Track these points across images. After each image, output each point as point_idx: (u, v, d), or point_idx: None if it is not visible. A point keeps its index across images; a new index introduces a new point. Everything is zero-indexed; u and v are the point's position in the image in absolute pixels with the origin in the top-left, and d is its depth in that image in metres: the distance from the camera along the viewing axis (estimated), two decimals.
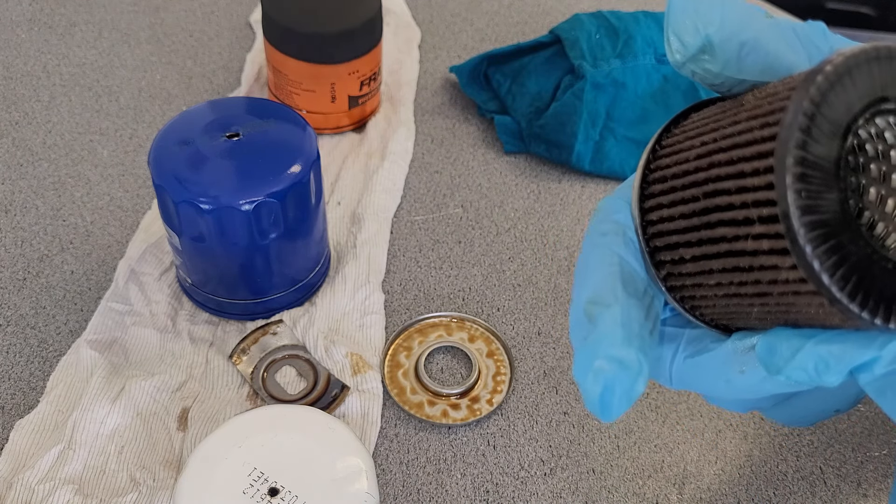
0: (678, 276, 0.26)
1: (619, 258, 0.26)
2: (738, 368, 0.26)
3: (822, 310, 0.21)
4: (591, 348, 0.23)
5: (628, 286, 0.25)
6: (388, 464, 0.40)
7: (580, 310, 0.25)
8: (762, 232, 0.22)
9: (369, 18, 0.51)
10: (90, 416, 0.38)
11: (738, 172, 0.22)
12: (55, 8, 0.64)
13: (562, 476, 0.40)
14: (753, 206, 0.22)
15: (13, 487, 0.36)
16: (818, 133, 0.20)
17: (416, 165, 0.54)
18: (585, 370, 0.23)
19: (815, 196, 0.20)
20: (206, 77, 0.59)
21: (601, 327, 0.24)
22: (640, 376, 0.23)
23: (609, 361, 0.23)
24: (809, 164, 0.20)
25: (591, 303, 0.25)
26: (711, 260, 0.24)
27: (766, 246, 0.21)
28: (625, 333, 0.23)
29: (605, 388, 0.23)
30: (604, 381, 0.23)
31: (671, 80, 0.54)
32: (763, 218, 0.21)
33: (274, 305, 0.44)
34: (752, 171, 0.22)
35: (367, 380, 0.41)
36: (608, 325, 0.24)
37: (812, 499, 0.39)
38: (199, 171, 0.38)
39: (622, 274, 0.25)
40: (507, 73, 0.57)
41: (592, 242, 0.27)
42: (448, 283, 0.47)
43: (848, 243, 0.20)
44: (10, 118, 0.55)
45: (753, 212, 0.22)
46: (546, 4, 0.69)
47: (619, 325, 0.24)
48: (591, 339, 0.24)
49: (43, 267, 0.46)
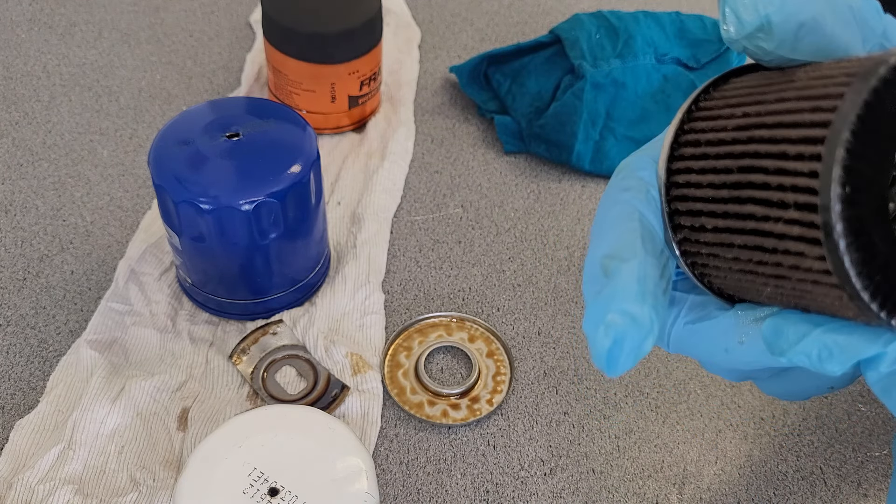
0: (694, 242, 0.26)
1: (640, 214, 0.25)
2: (738, 339, 0.26)
3: (839, 302, 0.21)
4: (604, 301, 0.23)
5: (647, 243, 0.25)
6: (388, 464, 0.40)
7: (596, 263, 0.25)
8: (795, 218, 0.21)
9: (369, 18, 0.51)
10: (90, 416, 0.38)
11: (780, 153, 0.22)
12: (55, 8, 0.64)
13: (562, 476, 0.40)
14: (791, 190, 0.21)
15: (13, 487, 0.36)
16: (873, 128, 0.19)
17: (416, 165, 0.54)
18: (597, 322, 0.23)
19: (858, 192, 0.20)
20: (206, 77, 0.59)
21: (617, 281, 0.23)
22: (650, 334, 0.23)
23: (622, 315, 0.23)
24: (859, 158, 0.19)
25: (608, 257, 0.24)
26: (734, 234, 0.24)
27: (796, 232, 0.21)
28: (640, 289, 0.23)
29: (615, 342, 0.23)
30: (614, 335, 0.23)
31: (671, 79, 0.54)
32: (799, 204, 0.21)
33: (274, 305, 0.44)
34: (796, 155, 0.21)
35: (367, 380, 0.41)
36: (624, 280, 0.23)
37: (812, 499, 0.39)
38: (199, 171, 0.38)
39: (642, 230, 0.25)
40: (507, 73, 0.57)
41: (613, 198, 0.26)
42: (448, 283, 0.47)
43: (878, 242, 0.20)
44: (10, 118, 0.55)
45: (790, 196, 0.21)
46: (546, 4, 0.69)
47: (635, 280, 0.23)
48: (605, 293, 0.23)
49: (43, 267, 0.46)
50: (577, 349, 0.45)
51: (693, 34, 0.56)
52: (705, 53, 0.56)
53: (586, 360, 0.44)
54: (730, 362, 0.27)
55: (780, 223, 0.22)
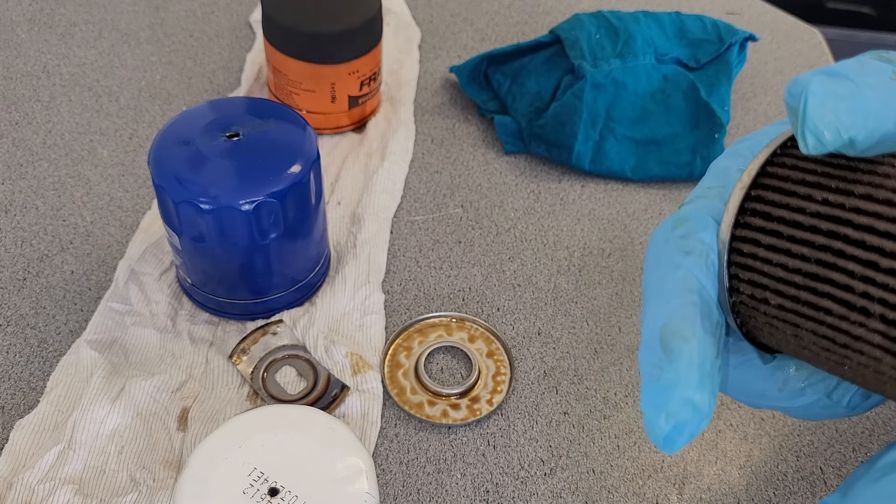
0: (751, 309, 0.26)
1: (700, 286, 0.26)
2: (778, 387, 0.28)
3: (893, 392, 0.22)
4: (666, 389, 0.24)
5: (706, 320, 0.25)
6: (388, 464, 0.40)
7: (655, 333, 0.25)
8: (880, 330, 0.21)
9: (369, 18, 0.51)
10: (90, 416, 0.38)
11: (870, 262, 0.21)
12: (55, 8, 0.64)
13: (562, 476, 0.40)
14: (879, 302, 0.21)
15: (13, 487, 0.36)
16: None
17: (416, 165, 0.54)
18: (658, 408, 0.24)
19: None
20: (206, 77, 0.59)
21: (679, 365, 0.24)
22: (707, 417, 0.24)
23: (683, 405, 0.24)
24: None
25: (668, 330, 0.25)
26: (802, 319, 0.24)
27: (877, 341, 0.21)
28: (699, 376, 0.24)
29: (675, 428, 0.24)
30: (675, 423, 0.24)
31: (671, 79, 0.54)
32: (887, 319, 0.21)
33: (274, 305, 0.44)
34: (888, 270, 0.21)
35: (367, 380, 0.41)
36: (684, 366, 0.24)
37: (812, 499, 0.39)
38: (199, 171, 0.38)
39: (702, 305, 0.25)
40: (507, 73, 0.57)
41: (673, 261, 0.26)
42: (448, 283, 0.47)
43: None
44: (10, 118, 0.55)
45: (876, 308, 0.21)
46: (546, 4, 0.69)
47: (695, 367, 0.24)
48: (666, 378, 0.24)
49: (43, 267, 0.46)
50: (577, 349, 0.45)
51: (693, 34, 0.56)
52: (705, 53, 0.56)
53: (586, 360, 0.44)
54: (762, 403, 0.29)
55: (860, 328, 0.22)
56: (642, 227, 0.51)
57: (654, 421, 0.24)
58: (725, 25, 0.57)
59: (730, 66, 0.55)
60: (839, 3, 1.19)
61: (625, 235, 0.51)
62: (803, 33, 0.68)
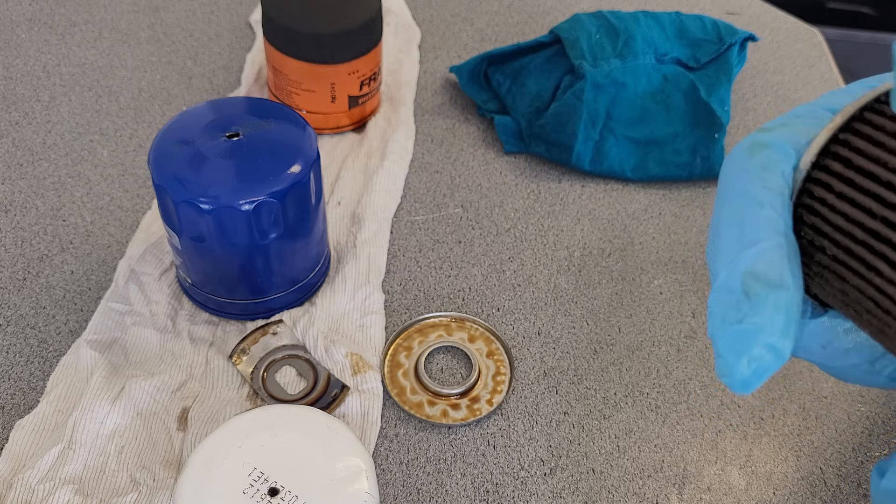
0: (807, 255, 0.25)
1: (785, 227, 0.24)
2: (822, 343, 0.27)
3: None
4: (750, 334, 0.23)
5: (794, 265, 0.24)
6: (388, 464, 0.40)
7: (736, 276, 0.24)
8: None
9: (369, 18, 0.51)
10: (90, 416, 0.38)
11: None
12: (55, 8, 0.64)
13: (562, 476, 0.40)
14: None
15: (13, 487, 0.36)
16: None
17: (416, 165, 0.54)
18: (740, 353, 0.23)
19: None
20: (206, 77, 0.59)
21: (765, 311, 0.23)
22: (785, 360, 0.23)
23: (768, 350, 0.23)
24: None
25: (753, 277, 0.24)
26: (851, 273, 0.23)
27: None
28: (786, 322, 0.23)
29: (755, 372, 0.23)
30: (756, 367, 0.23)
31: (671, 79, 0.54)
32: None
33: (274, 305, 0.44)
34: None
35: (367, 380, 0.41)
36: (771, 311, 0.23)
37: (812, 499, 0.39)
38: (199, 171, 0.38)
39: (788, 248, 0.24)
40: (507, 73, 0.57)
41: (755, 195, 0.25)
42: (448, 283, 0.47)
43: None
44: (10, 118, 0.55)
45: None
46: (546, 4, 0.69)
47: (783, 313, 0.23)
48: (751, 321, 0.23)
49: (43, 267, 0.46)
50: (576, 349, 0.45)
51: (693, 34, 0.56)
52: (705, 53, 0.56)
53: (586, 360, 0.44)
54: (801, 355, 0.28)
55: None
56: (642, 227, 0.51)
57: (734, 365, 0.23)
58: (725, 25, 0.57)
59: (730, 66, 0.55)
60: (839, 3, 1.19)
61: (625, 235, 0.51)
62: (803, 33, 0.68)
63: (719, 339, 0.24)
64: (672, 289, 0.48)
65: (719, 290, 0.25)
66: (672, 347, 0.45)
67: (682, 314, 0.46)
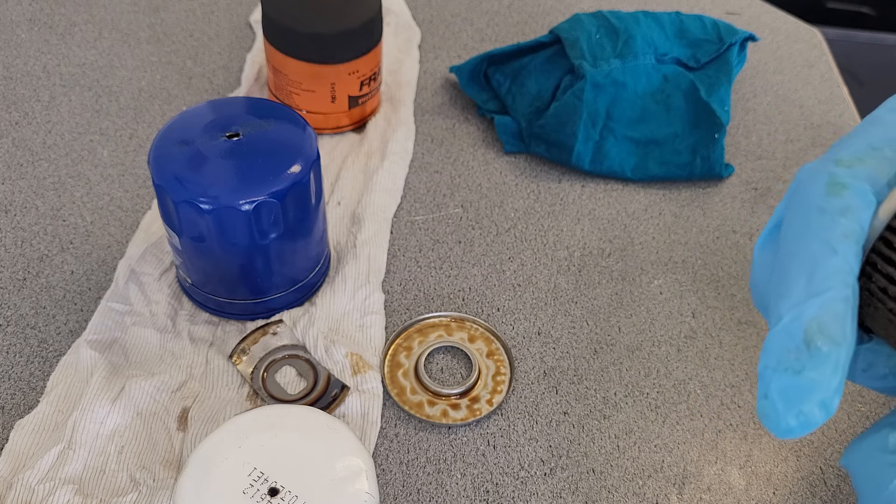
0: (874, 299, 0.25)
1: (854, 277, 0.24)
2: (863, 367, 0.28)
3: None
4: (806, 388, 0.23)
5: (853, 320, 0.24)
6: (388, 464, 0.40)
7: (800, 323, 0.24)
8: None
9: (369, 18, 0.51)
10: (90, 416, 0.38)
11: None
12: (55, 8, 0.64)
13: (562, 476, 0.40)
14: None
15: (13, 487, 0.36)
16: None
17: (416, 165, 0.54)
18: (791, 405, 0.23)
19: None
20: (206, 77, 0.59)
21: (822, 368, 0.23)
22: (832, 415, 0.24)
23: (819, 407, 0.23)
24: None
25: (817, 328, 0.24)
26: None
27: None
28: (839, 381, 0.23)
29: (802, 425, 0.23)
30: (804, 421, 0.23)
31: (671, 79, 0.54)
32: None
33: (274, 305, 0.44)
34: None
35: (367, 380, 0.41)
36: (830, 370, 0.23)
37: (812, 499, 0.39)
38: (199, 171, 0.38)
39: (853, 301, 0.24)
40: (507, 73, 0.57)
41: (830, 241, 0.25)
42: (448, 283, 0.47)
43: None
44: (10, 118, 0.55)
45: None
46: (546, 4, 0.69)
47: (840, 372, 0.23)
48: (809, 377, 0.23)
49: (43, 267, 0.46)
50: (576, 349, 0.45)
51: (693, 34, 0.56)
52: (705, 53, 0.56)
53: (586, 360, 0.44)
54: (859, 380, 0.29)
55: None
56: (642, 227, 0.51)
57: (783, 414, 0.23)
58: (725, 25, 0.57)
59: (730, 66, 0.55)
60: (839, 3, 1.19)
61: (625, 235, 0.51)
62: (803, 33, 0.68)
63: (772, 383, 0.24)
64: (672, 289, 0.48)
65: (780, 332, 0.25)
66: (672, 347, 0.45)
67: (682, 314, 0.46)
